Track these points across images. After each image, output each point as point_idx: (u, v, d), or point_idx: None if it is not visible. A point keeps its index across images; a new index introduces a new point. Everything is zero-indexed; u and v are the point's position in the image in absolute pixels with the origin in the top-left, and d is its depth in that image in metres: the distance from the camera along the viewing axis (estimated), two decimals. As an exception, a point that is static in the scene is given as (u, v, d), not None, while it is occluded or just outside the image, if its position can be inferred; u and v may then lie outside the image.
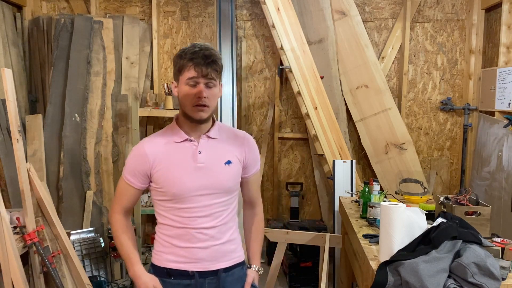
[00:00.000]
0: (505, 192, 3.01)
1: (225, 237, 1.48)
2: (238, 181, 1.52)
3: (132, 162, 1.47)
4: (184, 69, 1.39)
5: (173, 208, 1.44)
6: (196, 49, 1.38)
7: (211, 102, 1.41)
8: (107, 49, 3.59)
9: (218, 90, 1.43)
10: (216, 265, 1.46)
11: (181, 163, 1.43)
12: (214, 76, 1.38)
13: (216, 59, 1.38)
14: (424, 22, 3.75)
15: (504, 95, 3.14)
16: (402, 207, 1.50)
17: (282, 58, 3.42)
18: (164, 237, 1.48)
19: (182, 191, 1.41)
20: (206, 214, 1.43)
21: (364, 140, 3.72)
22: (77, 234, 3.19)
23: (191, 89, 1.38)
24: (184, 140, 1.45)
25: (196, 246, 1.43)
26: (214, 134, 1.48)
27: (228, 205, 1.48)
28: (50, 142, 3.41)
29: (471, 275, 1.33)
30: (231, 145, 1.51)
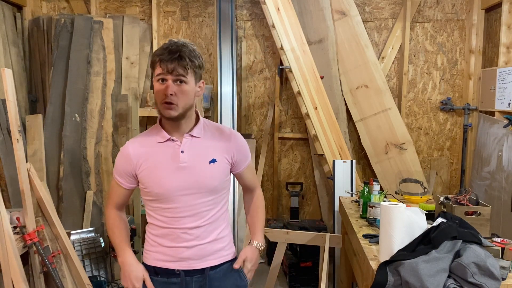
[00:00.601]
0: (505, 192, 3.01)
1: (212, 236, 1.47)
2: (225, 179, 1.49)
3: (118, 163, 1.48)
4: (154, 66, 1.38)
5: (159, 208, 1.44)
6: (165, 46, 1.36)
7: (180, 100, 1.36)
8: (107, 49, 3.60)
9: (191, 87, 1.38)
10: (202, 264, 1.46)
11: (164, 163, 1.42)
12: (182, 72, 1.34)
13: (183, 55, 1.33)
14: (424, 22, 3.76)
15: (504, 95, 3.14)
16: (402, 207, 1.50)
17: (282, 58, 3.42)
18: (152, 237, 1.50)
19: (165, 191, 1.41)
20: (190, 214, 1.42)
21: (364, 140, 3.72)
22: (77, 234, 3.19)
23: (159, 86, 1.36)
24: (166, 140, 1.44)
25: (182, 246, 1.44)
26: (197, 133, 1.46)
27: (214, 204, 1.47)
28: (50, 142, 3.41)
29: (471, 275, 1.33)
30: (216, 143, 1.48)
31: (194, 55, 1.37)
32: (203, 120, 1.51)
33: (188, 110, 1.42)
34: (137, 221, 3.45)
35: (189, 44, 1.37)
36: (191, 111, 1.44)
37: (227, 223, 1.55)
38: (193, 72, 1.38)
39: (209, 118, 3.83)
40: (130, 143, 1.48)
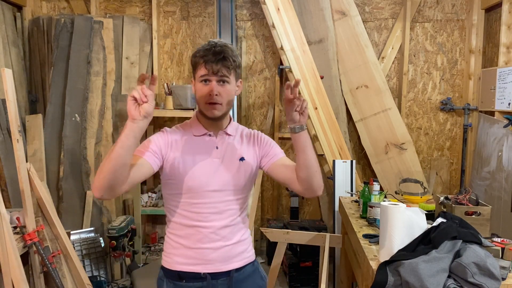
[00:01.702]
0: (505, 192, 3.01)
1: (236, 237, 1.46)
2: (252, 180, 1.50)
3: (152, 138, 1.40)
4: (197, 67, 1.39)
5: (186, 203, 1.41)
6: (208, 46, 1.37)
7: (224, 100, 1.39)
8: (107, 49, 3.60)
9: (232, 87, 1.41)
10: (228, 266, 1.44)
11: (198, 157, 1.41)
12: (225, 73, 1.37)
13: (227, 56, 1.36)
14: (424, 22, 3.75)
15: (504, 95, 3.14)
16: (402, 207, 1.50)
17: (282, 58, 3.42)
18: (174, 237, 1.44)
19: (198, 185, 1.39)
20: (219, 211, 1.41)
21: (364, 140, 3.72)
22: (77, 234, 3.19)
23: (203, 87, 1.38)
24: (202, 134, 1.45)
25: (208, 247, 1.41)
26: (231, 131, 1.49)
27: (240, 204, 1.47)
28: (50, 142, 3.41)
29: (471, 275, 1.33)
30: (245, 143, 1.50)
31: (235, 54, 1.40)
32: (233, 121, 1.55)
33: (229, 109, 1.45)
34: (137, 221, 3.45)
35: (229, 44, 1.40)
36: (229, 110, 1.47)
37: (247, 226, 1.54)
38: (235, 72, 1.41)
39: (209, 118, 3.84)
40: (168, 128, 1.48)
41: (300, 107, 1.30)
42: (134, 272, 3.14)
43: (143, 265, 3.44)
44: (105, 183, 1.19)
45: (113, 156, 1.17)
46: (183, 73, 3.96)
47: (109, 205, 3.51)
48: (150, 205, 3.63)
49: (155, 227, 3.98)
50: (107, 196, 1.23)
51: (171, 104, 3.54)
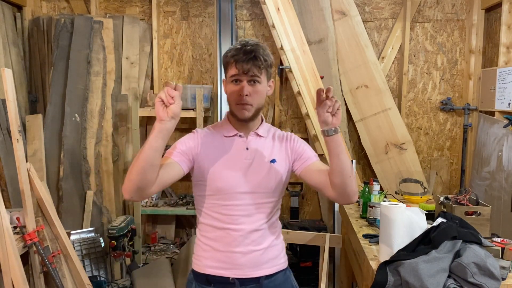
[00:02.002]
0: (505, 192, 3.01)
1: (267, 242, 1.42)
2: (283, 183, 1.45)
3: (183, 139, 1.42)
4: (227, 67, 1.38)
5: (216, 205, 1.39)
6: (239, 46, 1.35)
7: (255, 100, 1.37)
8: (107, 49, 3.60)
9: (263, 87, 1.39)
10: (258, 272, 1.40)
11: (228, 158, 1.40)
12: (256, 72, 1.34)
13: (258, 55, 1.33)
14: (424, 22, 3.75)
15: (504, 95, 3.14)
16: (402, 207, 1.50)
17: (282, 58, 3.42)
18: (205, 240, 1.42)
19: (227, 187, 1.37)
20: (249, 214, 1.38)
21: (364, 140, 3.72)
22: (77, 234, 3.19)
23: (234, 87, 1.36)
24: (233, 135, 1.44)
25: (237, 251, 1.38)
26: (262, 132, 1.46)
27: (271, 208, 1.43)
28: (50, 142, 3.41)
29: (471, 275, 1.33)
30: (276, 144, 1.47)
31: (267, 53, 1.37)
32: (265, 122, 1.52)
33: (260, 109, 1.43)
34: (137, 221, 3.45)
35: (260, 43, 1.37)
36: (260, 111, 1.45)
37: (279, 231, 1.50)
38: (266, 72, 1.38)
39: (209, 118, 3.84)
40: (199, 129, 1.48)
41: (332, 108, 1.24)
42: (134, 272, 3.14)
43: (143, 265, 3.44)
44: (134, 185, 1.20)
45: (141, 157, 1.19)
46: (183, 73, 3.96)
47: (109, 205, 3.51)
48: (150, 205, 3.63)
49: (155, 227, 3.98)
50: (136, 198, 1.25)
51: (171, 104, 3.54)
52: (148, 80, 3.90)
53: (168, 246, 3.79)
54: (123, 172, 3.65)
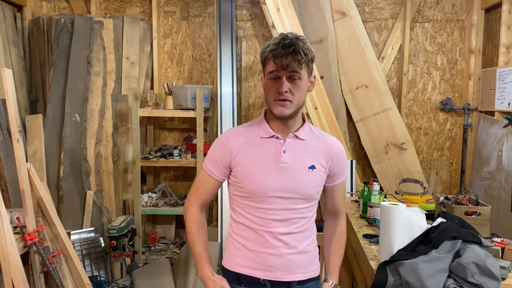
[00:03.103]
0: (505, 192, 3.01)
1: (301, 247, 1.37)
2: (320, 189, 1.40)
3: (215, 151, 1.39)
4: (266, 63, 1.31)
5: (249, 207, 1.35)
6: (278, 40, 1.28)
7: (295, 97, 1.29)
8: (107, 49, 3.60)
9: (304, 83, 1.31)
10: (290, 276, 1.35)
11: (264, 160, 1.34)
12: (296, 68, 1.26)
13: (298, 49, 1.25)
14: (424, 22, 3.76)
15: (504, 95, 3.14)
16: (402, 207, 1.50)
17: (282, 58, 3.42)
18: (237, 238, 1.39)
19: (260, 190, 1.32)
20: (282, 219, 1.33)
21: (364, 140, 3.72)
22: (77, 234, 3.19)
23: (273, 84, 1.30)
24: (270, 137, 1.36)
25: (269, 252, 1.34)
26: (302, 135, 1.37)
27: (306, 213, 1.38)
28: (50, 142, 3.41)
29: (471, 275, 1.33)
30: (318, 150, 1.38)
31: (307, 47, 1.29)
32: (308, 124, 1.43)
33: (300, 108, 1.35)
34: (137, 221, 3.45)
35: (300, 37, 1.30)
36: (301, 109, 1.37)
37: (314, 237, 1.45)
38: (307, 67, 1.30)
39: (209, 118, 3.84)
40: (230, 133, 1.40)
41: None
42: (134, 272, 3.14)
43: (143, 265, 3.44)
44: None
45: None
46: (183, 73, 3.96)
47: (109, 205, 3.51)
48: (150, 205, 3.63)
49: (155, 227, 3.98)
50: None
51: (171, 104, 3.54)
52: (148, 80, 3.90)
53: (168, 246, 3.79)
54: (123, 172, 3.65)
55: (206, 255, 1.39)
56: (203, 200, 1.43)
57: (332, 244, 1.53)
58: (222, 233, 3.31)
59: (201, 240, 1.41)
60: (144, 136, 3.95)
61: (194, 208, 1.43)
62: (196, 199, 1.43)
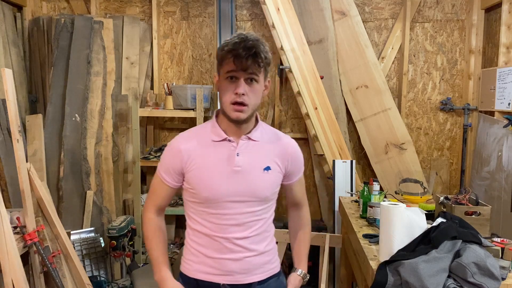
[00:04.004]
0: (505, 192, 3.01)
1: (259, 249, 1.36)
2: (277, 190, 1.39)
3: (167, 158, 1.36)
4: (223, 61, 1.26)
5: (204, 213, 1.33)
6: (238, 40, 1.24)
7: (251, 100, 1.26)
8: (107, 49, 3.60)
9: (261, 86, 1.29)
10: (250, 278, 1.35)
11: (217, 165, 1.31)
12: (255, 70, 1.24)
13: (259, 51, 1.23)
14: (424, 22, 3.76)
15: (504, 95, 3.14)
16: (402, 207, 1.50)
17: (282, 58, 3.42)
18: (194, 245, 1.37)
19: (214, 196, 1.30)
20: (238, 223, 1.31)
21: (364, 140, 3.72)
22: (77, 234, 3.19)
23: (229, 84, 1.26)
24: (222, 140, 1.33)
25: (227, 257, 1.32)
26: (255, 136, 1.35)
27: (263, 215, 1.36)
28: (50, 142, 3.41)
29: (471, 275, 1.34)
30: (273, 150, 1.37)
31: (266, 51, 1.27)
32: (261, 124, 1.40)
33: (255, 111, 1.33)
34: (137, 221, 3.45)
35: (261, 39, 1.27)
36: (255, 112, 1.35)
37: (272, 235, 1.44)
38: (264, 70, 1.29)
39: (209, 118, 3.84)
40: (181, 138, 1.37)
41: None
42: (134, 272, 3.14)
43: (143, 265, 3.44)
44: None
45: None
46: (183, 73, 3.96)
47: (109, 205, 3.51)
48: (150, 205, 3.63)
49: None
50: None
51: (171, 104, 3.55)
52: (148, 80, 3.90)
53: (168, 246, 3.79)
54: (123, 172, 3.65)
55: (163, 259, 1.39)
56: (159, 205, 1.42)
57: (298, 234, 1.56)
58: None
59: (158, 244, 1.40)
60: (144, 136, 3.95)
61: (150, 213, 1.42)
62: (152, 205, 1.42)
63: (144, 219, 1.43)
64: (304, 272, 1.50)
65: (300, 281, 1.49)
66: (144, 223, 1.43)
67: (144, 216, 1.43)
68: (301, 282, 1.49)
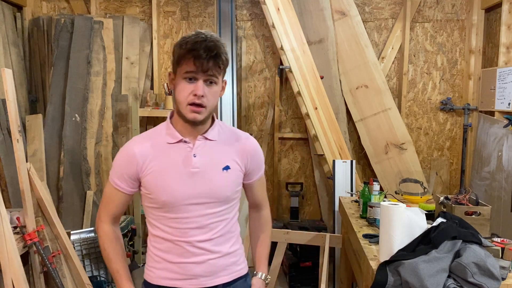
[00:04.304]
0: (505, 192, 3.01)
1: (224, 250, 1.33)
2: (238, 189, 1.36)
3: (119, 163, 1.31)
4: (182, 61, 1.21)
5: (164, 218, 1.29)
6: (199, 39, 1.20)
7: (210, 102, 1.23)
8: (107, 49, 3.60)
9: (219, 88, 1.27)
10: (215, 281, 1.32)
11: (173, 168, 1.27)
12: (215, 72, 1.21)
13: (221, 53, 1.21)
14: (424, 22, 3.76)
15: (504, 95, 3.14)
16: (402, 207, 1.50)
17: (282, 58, 3.42)
18: (156, 251, 1.33)
19: (173, 200, 1.26)
20: (200, 226, 1.28)
21: (364, 140, 3.72)
22: (77, 234, 3.18)
23: (187, 85, 1.22)
24: (178, 141, 1.29)
25: (190, 261, 1.29)
26: (212, 136, 1.31)
27: (225, 215, 1.33)
28: (50, 142, 3.41)
29: (471, 275, 1.33)
30: (231, 148, 1.34)
31: (226, 52, 1.25)
32: (218, 122, 1.37)
33: (212, 112, 1.30)
34: (137, 221, 3.45)
35: (220, 39, 1.24)
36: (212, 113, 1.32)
37: (237, 235, 1.41)
38: (223, 72, 1.26)
39: (209, 118, 3.84)
40: (134, 142, 1.31)
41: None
42: (134, 272, 3.14)
43: (143, 265, 3.44)
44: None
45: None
46: (183, 73, 3.96)
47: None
48: (150, 205, 3.63)
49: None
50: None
51: (171, 104, 3.55)
52: (148, 80, 3.90)
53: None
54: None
55: (124, 271, 1.36)
56: (114, 214, 1.36)
57: (258, 235, 1.52)
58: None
59: (117, 255, 1.35)
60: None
61: (105, 224, 1.36)
62: (106, 214, 1.36)
63: (99, 231, 1.36)
64: (265, 274, 1.48)
65: (263, 284, 1.46)
66: (100, 236, 1.36)
67: (99, 227, 1.36)
68: (264, 285, 1.46)
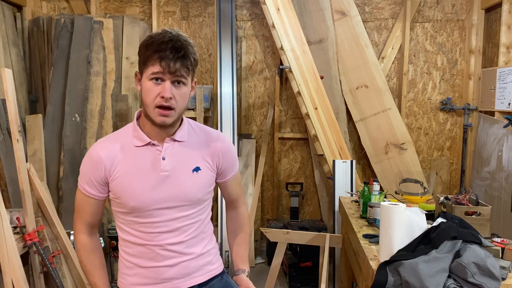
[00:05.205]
0: (505, 192, 3.01)
1: (197, 251, 1.30)
2: (209, 190, 1.33)
3: (87, 169, 1.26)
4: (148, 62, 1.16)
5: (133, 222, 1.25)
6: (165, 39, 1.14)
7: (178, 104, 1.19)
8: (107, 49, 3.60)
9: (188, 89, 1.21)
10: (189, 282, 1.29)
11: (142, 171, 1.23)
12: (184, 73, 1.16)
13: (188, 53, 1.16)
14: (424, 22, 3.76)
15: (504, 95, 3.14)
16: (402, 207, 1.50)
17: (282, 58, 3.42)
18: (127, 256, 1.29)
19: (142, 205, 1.22)
20: (171, 229, 1.24)
21: (364, 140, 3.72)
22: (77, 234, 3.19)
23: (154, 87, 1.16)
24: (146, 144, 1.24)
25: (163, 265, 1.25)
26: (181, 137, 1.27)
27: (197, 217, 1.30)
28: (50, 142, 3.41)
29: (471, 275, 1.33)
30: (201, 148, 1.30)
31: (195, 52, 1.20)
32: (187, 122, 1.32)
33: (182, 114, 1.25)
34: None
35: (188, 39, 1.20)
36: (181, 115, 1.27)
37: (211, 235, 1.39)
38: (193, 72, 1.22)
39: (209, 118, 3.84)
40: (100, 145, 1.26)
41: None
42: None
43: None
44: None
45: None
46: (183, 73, 3.96)
47: (109, 205, 3.50)
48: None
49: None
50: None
51: (171, 104, 3.54)
52: (148, 80, 3.90)
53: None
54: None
55: (101, 283, 1.31)
56: (89, 222, 1.32)
57: (237, 234, 1.49)
58: (222, 234, 3.31)
59: (94, 268, 1.31)
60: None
61: (81, 234, 1.31)
62: (81, 223, 1.32)
63: (76, 242, 1.32)
64: (248, 270, 1.46)
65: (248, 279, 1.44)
66: (78, 248, 1.32)
67: (75, 238, 1.31)
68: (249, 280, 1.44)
